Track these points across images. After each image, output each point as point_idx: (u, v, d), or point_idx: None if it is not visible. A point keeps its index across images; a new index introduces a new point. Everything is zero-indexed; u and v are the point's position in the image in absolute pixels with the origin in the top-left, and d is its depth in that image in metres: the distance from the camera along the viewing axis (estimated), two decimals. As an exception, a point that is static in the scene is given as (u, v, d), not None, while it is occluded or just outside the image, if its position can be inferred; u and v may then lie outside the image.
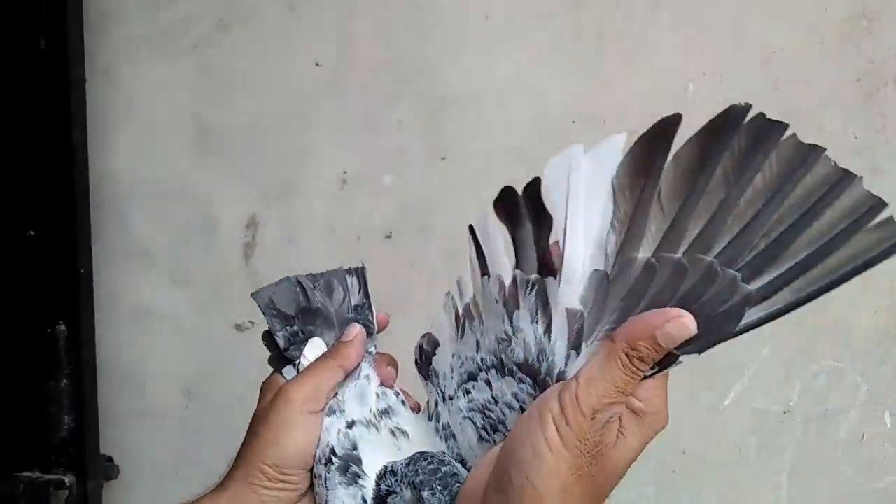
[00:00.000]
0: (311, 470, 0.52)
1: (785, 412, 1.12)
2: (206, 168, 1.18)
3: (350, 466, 0.50)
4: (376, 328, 0.61)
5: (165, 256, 1.20)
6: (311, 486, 0.53)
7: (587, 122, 1.11)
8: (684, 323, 0.41)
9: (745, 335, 0.44)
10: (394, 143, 1.15)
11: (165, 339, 1.23)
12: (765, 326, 0.44)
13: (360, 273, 0.64)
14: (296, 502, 0.53)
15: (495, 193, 0.52)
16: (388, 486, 0.49)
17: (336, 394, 0.55)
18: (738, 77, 1.09)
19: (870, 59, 1.08)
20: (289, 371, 0.57)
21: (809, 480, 1.12)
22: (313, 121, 1.16)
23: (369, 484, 0.50)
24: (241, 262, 1.19)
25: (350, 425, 0.53)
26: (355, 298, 0.62)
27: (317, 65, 1.16)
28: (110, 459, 1.24)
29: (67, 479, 1.17)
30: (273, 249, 1.18)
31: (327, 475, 0.51)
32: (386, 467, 0.50)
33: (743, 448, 1.14)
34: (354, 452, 0.51)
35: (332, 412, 0.53)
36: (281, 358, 0.59)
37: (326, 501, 0.50)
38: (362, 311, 0.61)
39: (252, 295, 0.61)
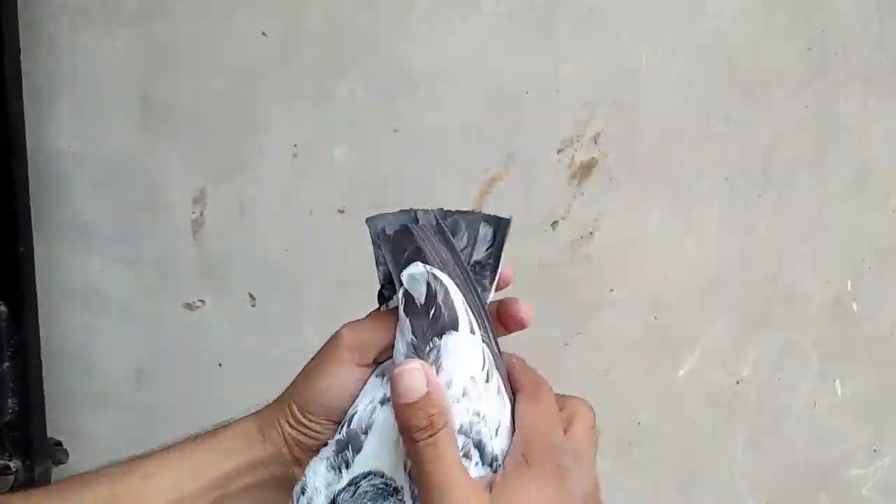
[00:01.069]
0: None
1: (738, 383, 1.16)
2: (151, 143, 1.18)
3: (346, 449, 0.46)
4: (491, 292, 0.53)
5: (110, 235, 1.20)
6: None
7: (540, 93, 1.13)
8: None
9: (698, 307, 0.48)
10: (345, 115, 1.16)
11: (113, 320, 1.23)
12: (717, 299, 0.49)
13: (500, 225, 0.54)
14: (319, 448, 0.50)
15: (449, 166, 0.55)
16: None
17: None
18: (691, 48, 1.12)
19: (820, 27, 1.11)
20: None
21: (763, 451, 1.17)
22: (261, 93, 1.16)
23: (344, 481, 0.45)
24: (190, 240, 1.19)
25: (383, 401, 0.47)
26: (480, 253, 0.53)
27: (263, 34, 1.16)
28: (59, 444, 1.24)
29: (13, 464, 1.17)
30: (223, 226, 1.19)
31: (329, 441, 0.48)
32: (355, 479, 0.45)
33: (697, 420, 1.18)
34: (361, 437, 0.46)
35: (381, 375, 0.49)
36: (380, 296, 0.54)
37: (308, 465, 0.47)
38: (481, 271, 0.52)
39: (367, 219, 0.56)
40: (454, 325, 0.46)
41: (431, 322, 0.46)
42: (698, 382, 1.16)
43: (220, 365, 1.19)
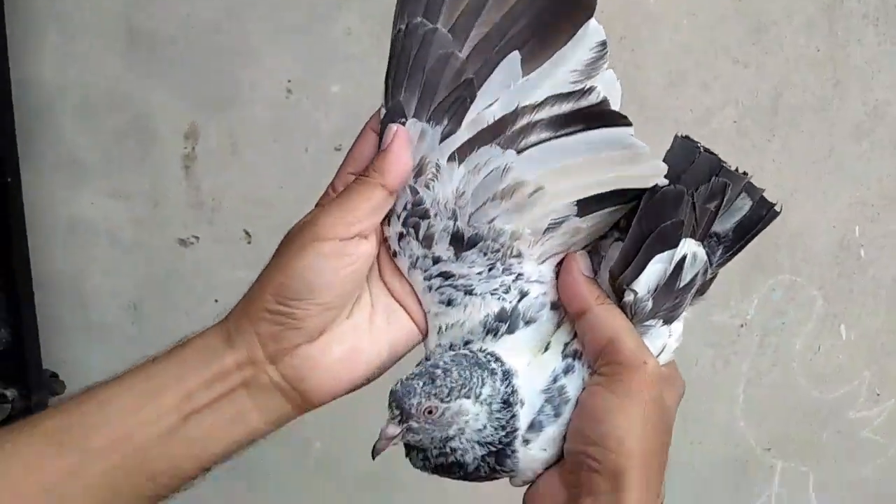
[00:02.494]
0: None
1: (742, 325, 1.19)
2: (139, 74, 1.19)
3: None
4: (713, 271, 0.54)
5: (100, 168, 1.22)
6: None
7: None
8: None
9: None
10: (341, 50, 1.16)
11: (105, 253, 1.25)
12: None
13: (764, 209, 0.54)
14: (296, 344, 0.49)
15: None
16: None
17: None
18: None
19: (836, -35, 1.09)
20: None
21: (765, 392, 1.21)
22: (253, 24, 1.16)
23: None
24: (182, 175, 1.21)
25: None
26: (725, 224, 0.53)
27: (254, -38, 1.15)
28: (55, 375, 1.28)
29: (9, 392, 1.22)
30: (215, 161, 1.20)
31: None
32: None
33: (700, 360, 1.22)
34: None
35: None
36: None
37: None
38: (713, 245, 0.53)
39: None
40: None
41: None
42: (702, 323, 1.19)
43: (216, 301, 1.23)
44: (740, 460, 1.25)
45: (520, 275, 0.51)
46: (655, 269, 0.47)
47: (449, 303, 0.51)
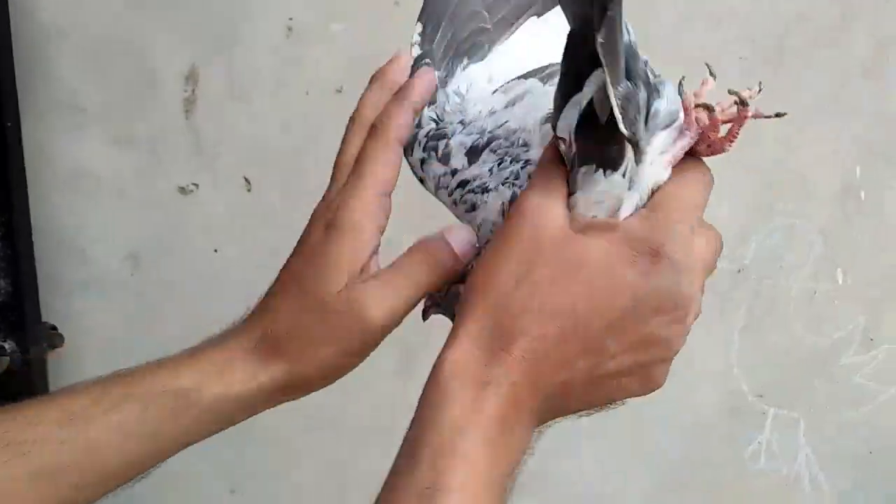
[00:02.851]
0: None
1: (739, 271, 1.20)
2: (138, 14, 1.17)
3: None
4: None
5: (99, 113, 1.20)
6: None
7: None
8: None
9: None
10: (343, -13, 1.15)
11: (105, 202, 1.24)
12: (722, 184, 0.50)
13: None
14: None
15: None
16: None
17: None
18: None
19: None
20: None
21: (760, 337, 1.23)
22: (254, -38, 1.15)
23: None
24: (182, 119, 1.20)
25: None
26: None
27: None
28: (54, 328, 1.27)
29: (8, 345, 1.21)
30: (216, 105, 1.19)
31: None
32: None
33: (697, 306, 1.23)
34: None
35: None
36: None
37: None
38: None
39: None
40: None
41: None
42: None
43: (215, 251, 1.22)
44: (733, 407, 1.27)
45: (527, 161, 0.52)
46: (569, 112, 0.45)
47: (473, 207, 0.53)
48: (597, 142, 0.44)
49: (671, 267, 0.41)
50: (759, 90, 0.48)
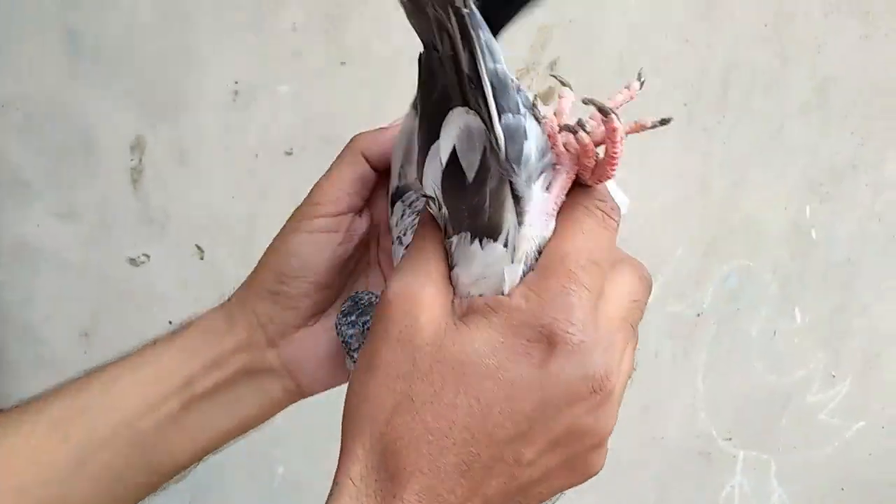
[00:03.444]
0: (319, 282, 0.48)
1: (698, 315, 1.20)
2: (80, 83, 1.15)
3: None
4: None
5: (43, 185, 1.18)
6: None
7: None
8: None
9: (657, 237, 0.47)
10: (288, 47, 1.15)
11: (53, 278, 1.21)
12: (676, 228, 0.48)
13: None
14: (293, 325, 0.49)
15: (402, 99, 0.52)
16: None
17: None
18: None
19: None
20: None
21: (724, 380, 1.23)
22: (196, 26, 1.13)
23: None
24: (130, 189, 1.18)
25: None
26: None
27: (196, -35, 1.13)
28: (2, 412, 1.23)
29: (-46, 430, 1.17)
30: (163, 172, 1.17)
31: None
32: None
33: (659, 352, 1.22)
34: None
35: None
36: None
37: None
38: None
39: None
40: None
41: None
42: (659, 315, 1.20)
43: (170, 322, 1.19)
44: (703, 452, 1.26)
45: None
46: (431, 165, 0.37)
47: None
48: (467, 204, 0.36)
49: (572, 350, 0.35)
50: (641, 85, 0.39)
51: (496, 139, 0.34)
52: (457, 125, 0.35)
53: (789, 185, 1.16)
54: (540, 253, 0.37)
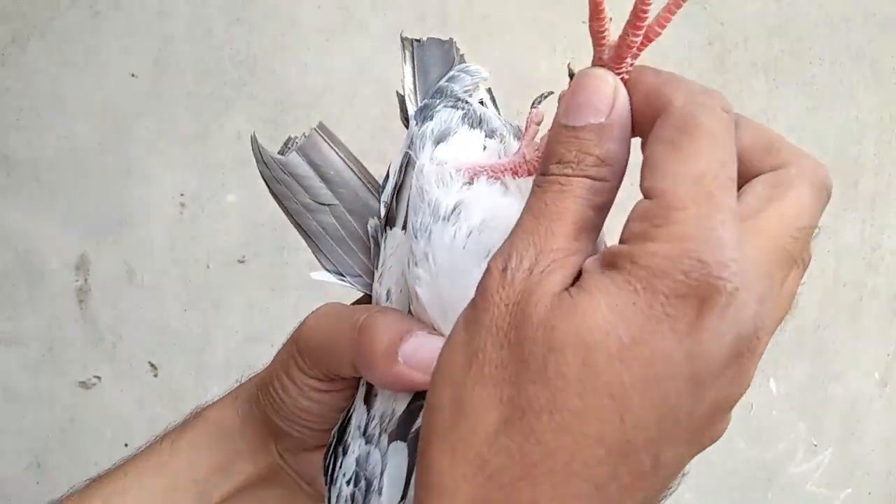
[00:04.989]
0: None
1: (675, 393, 1.19)
2: (18, 206, 1.12)
3: None
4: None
5: (-16, 313, 1.14)
6: None
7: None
8: None
9: None
10: (234, 156, 1.13)
11: (1, 407, 1.16)
12: None
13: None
14: (308, 449, 0.44)
15: None
16: None
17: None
18: (590, 52, 1.12)
19: (719, 20, 1.14)
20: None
21: (705, 458, 1.20)
22: (136, 139, 1.11)
23: None
24: (76, 310, 1.14)
25: None
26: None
27: (132, 76, 1.11)
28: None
29: None
30: (111, 290, 1.13)
31: None
32: None
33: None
34: None
35: None
36: None
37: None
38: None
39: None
40: None
41: None
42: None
43: (125, 445, 1.14)
44: (692, 532, 1.23)
45: None
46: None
47: None
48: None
49: (727, 303, 0.26)
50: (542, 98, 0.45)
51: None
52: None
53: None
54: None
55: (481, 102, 0.48)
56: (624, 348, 0.25)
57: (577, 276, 0.28)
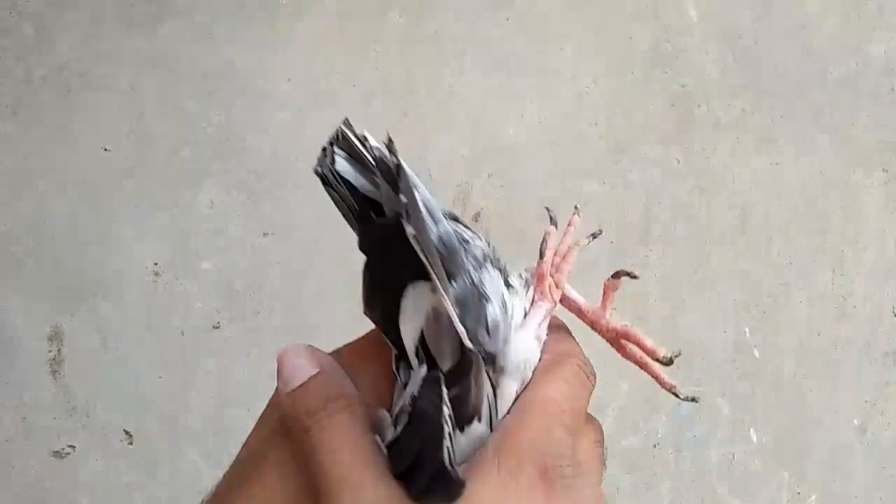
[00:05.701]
0: None
1: (655, 446, 1.19)
2: (-8, 280, 1.13)
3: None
4: None
5: (-42, 387, 1.14)
6: None
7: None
8: None
9: (601, 373, 0.43)
10: (207, 224, 1.14)
11: (-27, 480, 1.15)
12: (619, 363, 0.45)
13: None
14: None
15: (328, 264, 0.47)
16: None
17: None
18: (556, 115, 1.15)
19: (680, 82, 1.17)
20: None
21: (689, 509, 1.20)
22: (109, 211, 1.13)
23: None
24: (50, 380, 1.14)
25: None
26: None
27: (105, 150, 1.13)
28: None
29: None
30: (85, 359, 1.14)
31: None
32: None
33: (621, 488, 1.20)
34: None
35: None
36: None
37: None
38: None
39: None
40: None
41: None
42: (615, 449, 1.18)
43: (100, 514, 1.13)
44: (680, 585, 1.22)
45: None
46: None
47: None
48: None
49: (569, 485, 0.33)
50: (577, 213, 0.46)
51: (451, 313, 0.33)
52: (422, 309, 0.34)
53: (725, 310, 1.17)
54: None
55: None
56: None
57: None
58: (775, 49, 1.17)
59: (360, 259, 0.39)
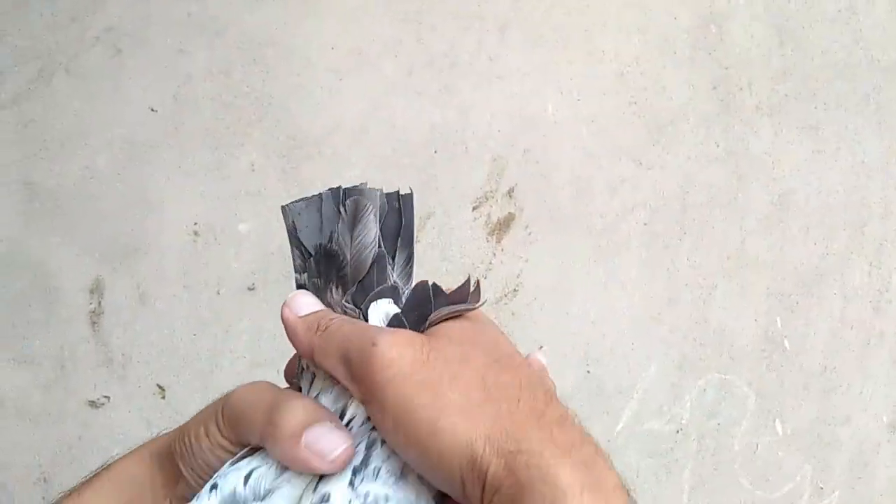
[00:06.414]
0: None
1: (678, 431, 1.19)
2: (38, 231, 1.17)
3: None
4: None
5: (2, 332, 1.18)
6: None
7: (449, 152, 1.16)
8: None
9: (630, 355, 0.44)
10: (247, 187, 1.17)
11: (12, 424, 1.19)
12: (648, 345, 0.46)
13: (403, 202, 0.45)
14: None
15: None
16: None
17: None
18: (596, 93, 1.16)
19: (723, 65, 1.16)
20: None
21: (709, 497, 1.20)
22: (154, 170, 1.16)
23: None
24: (89, 331, 1.18)
25: None
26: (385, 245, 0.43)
27: (152, 110, 1.16)
28: (-40, 565, 1.19)
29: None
30: (123, 313, 1.17)
31: None
32: None
33: (641, 472, 1.20)
34: None
35: None
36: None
37: None
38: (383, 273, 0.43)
39: (282, 207, 0.46)
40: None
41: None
42: (639, 433, 1.18)
43: (131, 464, 1.17)
44: (697, 573, 1.22)
45: None
46: None
47: None
48: None
49: None
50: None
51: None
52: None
53: (758, 298, 1.16)
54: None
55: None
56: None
57: None
58: (823, 34, 1.15)
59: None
